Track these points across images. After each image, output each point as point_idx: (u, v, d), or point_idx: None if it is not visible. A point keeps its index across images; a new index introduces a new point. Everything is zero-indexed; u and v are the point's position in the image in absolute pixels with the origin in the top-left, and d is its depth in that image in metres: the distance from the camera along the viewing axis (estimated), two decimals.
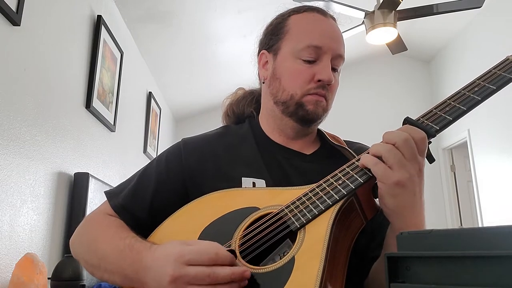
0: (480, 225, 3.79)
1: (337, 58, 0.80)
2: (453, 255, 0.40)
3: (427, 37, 4.42)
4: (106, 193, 0.80)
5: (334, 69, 0.81)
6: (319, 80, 0.78)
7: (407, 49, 3.15)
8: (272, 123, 0.86)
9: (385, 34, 2.77)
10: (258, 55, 0.89)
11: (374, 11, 2.70)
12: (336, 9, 2.66)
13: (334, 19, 0.86)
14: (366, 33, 2.78)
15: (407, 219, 0.64)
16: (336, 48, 0.80)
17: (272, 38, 0.85)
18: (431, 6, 2.68)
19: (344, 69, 0.86)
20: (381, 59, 4.77)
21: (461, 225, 4.38)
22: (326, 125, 0.89)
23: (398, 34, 2.83)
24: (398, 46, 3.06)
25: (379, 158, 0.62)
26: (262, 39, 0.89)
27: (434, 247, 0.42)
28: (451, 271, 0.40)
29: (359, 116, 4.68)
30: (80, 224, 0.78)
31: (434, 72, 4.85)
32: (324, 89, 0.79)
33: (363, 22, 2.80)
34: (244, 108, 0.93)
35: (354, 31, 2.94)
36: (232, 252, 0.59)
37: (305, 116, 0.80)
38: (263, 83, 0.87)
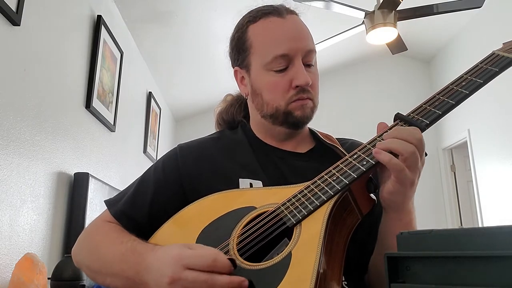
0: (480, 225, 3.79)
1: (307, 54, 0.79)
2: (453, 255, 0.40)
3: (427, 37, 4.42)
4: (106, 201, 0.82)
5: (308, 65, 0.80)
6: (297, 86, 0.78)
7: (407, 49, 3.14)
8: (263, 131, 0.87)
9: (385, 34, 2.76)
10: (233, 70, 0.89)
11: (374, 11, 2.69)
12: (336, 9, 2.67)
13: (293, 12, 0.83)
14: (366, 33, 2.78)
15: (405, 211, 0.68)
16: (304, 46, 0.79)
17: (240, 54, 0.85)
18: (431, 6, 2.67)
19: (344, 69, 0.86)
20: (381, 59, 4.77)
21: (461, 225, 4.38)
22: (326, 125, 0.89)
23: (398, 34, 2.83)
24: (398, 46, 3.05)
25: (393, 152, 0.63)
26: (231, 54, 0.89)
27: (434, 247, 0.42)
28: (451, 271, 0.40)
29: (359, 116, 4.68)
30: (81, 233, 0.80)
31: (434, 72, 4.85)
32: (305, 92, 0.79)
33: (363, 22, 2.80)
34: (234, 115, 0.94)
35: (354, 31, 2.94)
36: (232, 261, 0.58)
37: (295, 122, 0.81)
38: (246, 98, 0.89)
